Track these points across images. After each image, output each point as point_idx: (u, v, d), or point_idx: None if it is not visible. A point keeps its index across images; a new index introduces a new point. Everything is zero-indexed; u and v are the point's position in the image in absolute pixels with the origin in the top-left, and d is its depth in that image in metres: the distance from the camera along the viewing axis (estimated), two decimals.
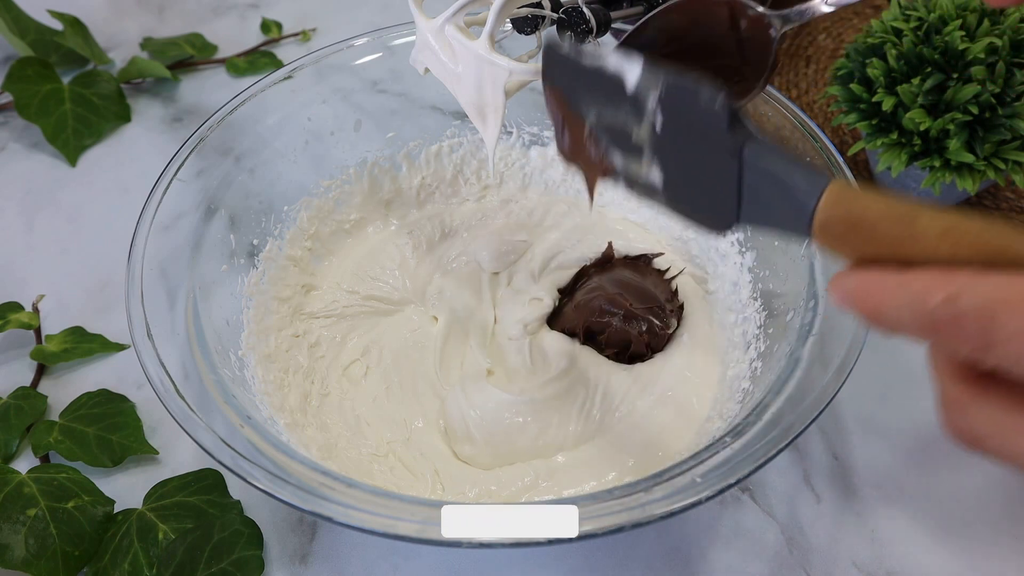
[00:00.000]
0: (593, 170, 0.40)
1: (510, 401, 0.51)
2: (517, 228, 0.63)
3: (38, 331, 0.61)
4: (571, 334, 0.56)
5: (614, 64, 0.35)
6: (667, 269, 0.59)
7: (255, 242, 0.56)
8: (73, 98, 0.76)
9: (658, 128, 0.35)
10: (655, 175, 0.36)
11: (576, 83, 0.38)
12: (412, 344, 0.56)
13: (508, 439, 0.50)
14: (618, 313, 0.54)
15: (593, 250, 0.61)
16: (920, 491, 0.52)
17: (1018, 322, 0.23)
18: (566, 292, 0.59)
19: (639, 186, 0.38)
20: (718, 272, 0.57)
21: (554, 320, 0.57)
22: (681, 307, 0.57)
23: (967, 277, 0.24)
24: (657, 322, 0.54)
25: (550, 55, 0.39)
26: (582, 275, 0.60)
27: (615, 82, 0.35)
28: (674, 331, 0.56)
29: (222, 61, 0.83)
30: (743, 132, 0.33)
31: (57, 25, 0.80)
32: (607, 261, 0.60)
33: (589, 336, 0.55)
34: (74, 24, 0.79)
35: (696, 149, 0.34)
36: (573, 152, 0.41)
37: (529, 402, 0.51)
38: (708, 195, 0.35)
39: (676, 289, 0.58)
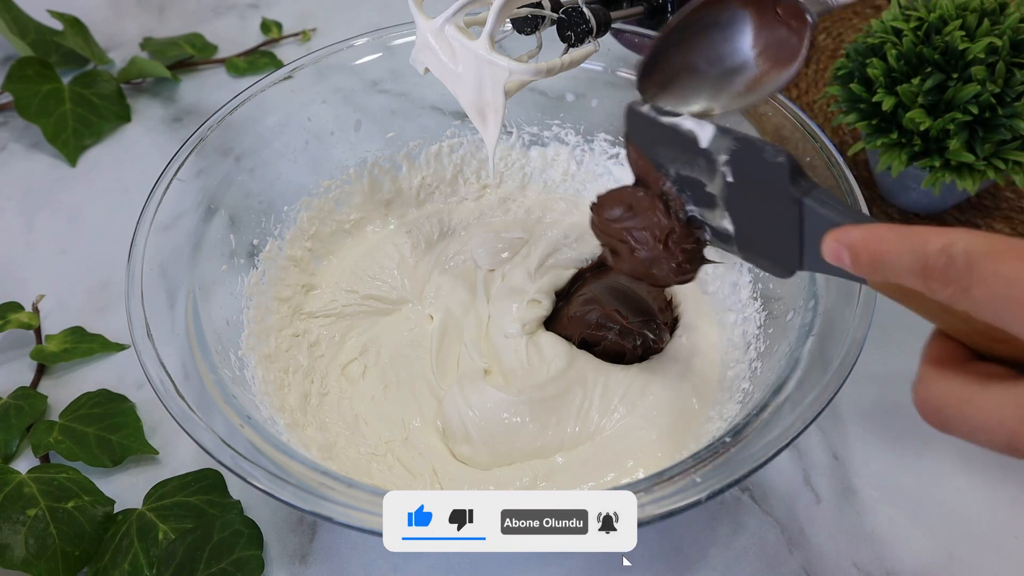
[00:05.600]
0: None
1: (508, 401, 0.51)
2: (514, 225, 0.63)
3: (38, 331, 0.61)
4: None
5: (689, 124, 0.40)
6: None
7: (255, 242, 0.56)
8: (73, 98, 0.76)
9: (729, 178, 0.39)
10: (728, 223, 0.41)
11: (655, 139, 0.42)
12: (409, 343, 0.56)
13: (506, 439, 0.50)
14: (614, 328, 0.54)
15: (590, 249, 0.61)
16: (920, 491, 0.52)
17: (992, 266, 0.27)
18: (562, 295, 0.59)
19: (716, 234, 0.42)
20: (718, 272, 0.57)
21: (549, 325, 0.57)
22: (676, 319, 0.57)
23: (960, 231, 0.29)
24: (652, 336, 0.55)
25: (632, 115, 0.43)
26: (578, 278, 0.60)
27: (689, 139, 0.40)
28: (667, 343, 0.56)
29: (222, 61, 0.83)
30: (804, 184, 0.36)
31: (57, 25, 0.80)
32: (603, 264, 0.60)
33: (584, 347, 0.55)
34: (74, 24, 0.79)
35: (762, 199, 0.38)
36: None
37: (527, 402, 0.51)
38: (774, 241, 0.38)
39: (671, 298, 0.58)
